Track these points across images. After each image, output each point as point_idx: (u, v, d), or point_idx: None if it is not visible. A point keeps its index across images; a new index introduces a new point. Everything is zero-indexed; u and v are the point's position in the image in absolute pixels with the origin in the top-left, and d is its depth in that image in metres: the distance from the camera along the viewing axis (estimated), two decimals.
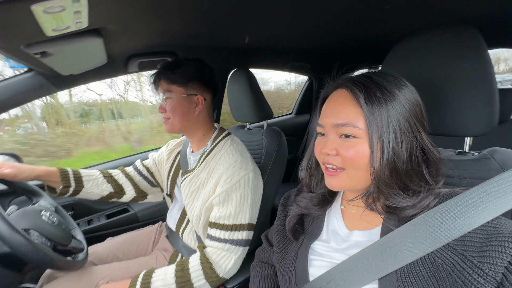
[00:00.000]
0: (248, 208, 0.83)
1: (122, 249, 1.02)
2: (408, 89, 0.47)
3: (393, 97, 0.45)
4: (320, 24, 0.97)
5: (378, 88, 0.46)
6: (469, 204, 0.38)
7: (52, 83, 0.92)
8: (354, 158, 0.46)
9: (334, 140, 0.49)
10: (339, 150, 0.47)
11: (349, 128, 0.46)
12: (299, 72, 1.80)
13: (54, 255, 0.67)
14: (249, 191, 0.83)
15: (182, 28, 0.85)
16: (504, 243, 0.35)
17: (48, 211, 0.82)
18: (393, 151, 0.44)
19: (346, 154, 0.47)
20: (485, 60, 0.52)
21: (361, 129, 0.46)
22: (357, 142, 0.46)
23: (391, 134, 0.44)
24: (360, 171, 0.47)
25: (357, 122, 0.46)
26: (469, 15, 0.89)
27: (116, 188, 1.01)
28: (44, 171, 0.87)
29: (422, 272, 0.41)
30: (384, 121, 0.44)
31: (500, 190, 0.36)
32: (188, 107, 0.86)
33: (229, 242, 0.81)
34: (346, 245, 0.53)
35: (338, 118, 0.48)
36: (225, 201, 0.82)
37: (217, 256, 0.80)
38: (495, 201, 0.36)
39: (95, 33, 0.64)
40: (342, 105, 0.48)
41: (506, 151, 0.53)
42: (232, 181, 0.81)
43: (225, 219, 0.82)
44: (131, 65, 1.03)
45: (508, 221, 0.38)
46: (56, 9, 0.42)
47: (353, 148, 0.46)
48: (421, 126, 0.46)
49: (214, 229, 0.83)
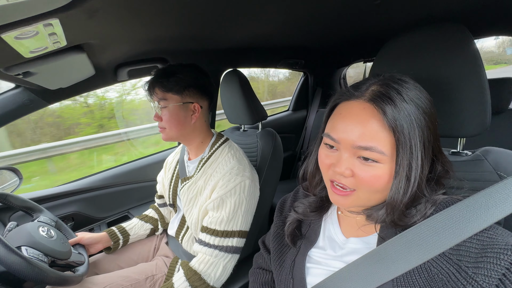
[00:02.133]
0: (241, 215, 0.83)
1: (123, 258, 1.03)
2: (428, 100, 0.42)
3: (420, 111, 0.40)
4: (312, 20, 0.95)
5: (408, 108, 0.40)
6: (461, 216, 0.37)
7: (42, 98, 0.92)
8: (373, 182, 0.42)
9: (349, 160, 0.43)
10: (355, 171, 0.43)
11: (374, 154, 0.40)
12: (294, 68, 1.78)
13: (50, 271, 0.67)
14: (244, 198, 0.83)
15: (169, 33, 0.83)
16: (499, 255, 0.34)
17: (47, 226, 0.82)
18: (418, 180, 0.40)
19: (363, 176, 0.42)
20: (474, 57, 0.51)
21: (387, 156, 0.40)
22: (378, 167, 0.41)
23: (419, 159, 0.40)
24: (373, 194, 0.44)
25: (383, 148, 0.40)
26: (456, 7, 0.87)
27: (155, 223, 1.13)
28: (100, 236, 1.00)
29: (418, 282, 0.40)
30: (413, 144, 0.39)
31: (491, 201, 0.36)
32: (184, 115, 0.85)
33: (218, 248, 0.80)
34: (343, 252, 0.52)
35: (361, 139, 0.41)
36: (219, 206, 0.82)
37: (204, 265, 0.80)
38: (486, 212, 0.36)
39: (77, 49, 0.63)
40: (365, 123, 0.41)
41: (499, 151, 0.52)
42: (227, 187, 0.81)
43: (217, 224, 0.81)
44: (120, 74, 1.01)
45: (504, 231, 0.38)
46: (29, 34, 0.41)
47: (372, 172, 0.42)
48: (437, 138, 0.43)
49: (204, 234, 0.83)
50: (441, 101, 0.54)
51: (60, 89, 0.90)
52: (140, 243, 1.09)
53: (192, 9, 0.65)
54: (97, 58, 0.79)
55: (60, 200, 1.19)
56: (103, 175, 1.32)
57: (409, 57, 0.59)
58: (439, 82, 0.54)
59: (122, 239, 1.03)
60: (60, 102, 1.00)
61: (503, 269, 0.33)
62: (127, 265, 1.01)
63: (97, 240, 0.98)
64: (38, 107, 0.94)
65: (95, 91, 1.29)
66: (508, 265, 0.33)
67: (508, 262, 0.34)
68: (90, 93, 3.25)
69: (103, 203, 1.30)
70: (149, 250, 1.08)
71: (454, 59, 0.53)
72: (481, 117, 0.52)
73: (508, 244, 0.35)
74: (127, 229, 1.06)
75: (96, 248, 0.98)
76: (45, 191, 1.17)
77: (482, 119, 0.52)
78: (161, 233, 1.14)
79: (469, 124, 0.53)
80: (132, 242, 1.09)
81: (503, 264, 0.34)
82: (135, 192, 1.39)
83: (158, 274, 0.93)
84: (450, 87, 0.53)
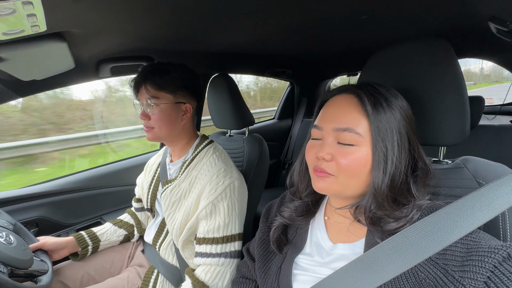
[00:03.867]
0: (237, 217, 0.80)
1: (95, 266, 0.95)
2: (404, 103, 0.48)
3: (395, 108, 0.46)
4: (300, 31, 0.97)
5: (384, 98, 0.46)
6: (448, 219, 0.38)
7: (12, 90, 0.84)
8: (351, 166, 0.45)
9: (331, 145, 0.47)
10: (336, 156, 0.46)
11: (350, 134, 0.45)
12: (280, 77, 1.81)
13: (9, 282, 0.60)
14: (236, 200, 0.80)
15: (156, 32, 0.81)
16: (484, 258, 0.35)
17: (5, 230, 0.74)
18: (395, 162, 0.44)
19: (342, 161, 0.46)
20: (456, 72, 0.54)
21: (362, 137, 0.45)
22: (356, 150, 0.45)
23: (395, 144, 0.44)
24: (352, 179, 0.46)
25: (359, 129, 0.45)
26: (440, 26, 0.94)
27: (130, 229, 1.05)
28: (66, 241, 0.91)
29: (406, 287, 0.40)
30: (389, 131, 0.44)
31: (476, 205, 0.37)
32: (175, 115, 0.82)
33: (223, 255, 0.76)
34: (330, 258, 0.52)
35: (340, 122, 0.47)
36: (212, 213, 0.78)
37: (211, 275, 0.75)
38: (472, 216, 0.36)
39: (57, 36, 0.58)
40: (346, 109, 0.47)
41: (477, 160, 0.55)
42: (217, 191, 0.78)
43: (215, 231, 0.77)
44: (102, 69, 0.96)
45: (486, 235, 0.39)
46: (4, 11, 0.37)
47: (351, 155, 0.45)
48: (416, 138, 0.47)
49: (204, 245, 0.78)
50: (424, 112, 0.57)
51: (34, 81, 0.84)
52: (113, 250, 1.01)
53: (182, 9, 0.64)
54: (79, 50, 0.75)
55: (23, 203, 1.08)
56: (75, 178, 1.23)
57: (394, 69, 0.62)
58: (422, 94, 0.57)
59: (92, 245, 0.95)
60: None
61: (488, 272, 0.34)
62: (97, 274, 0.93)
63: (62, 246, 0.89)
64: (7, 99, 0.87)
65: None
66: (492, 268, 0.34)
67: (492, 265, 0.34)
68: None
69: (73, 208, 1.19)
70: (123, 259, 1.00)
71: (437, 73, 0.55)
72: (461, 127, 0.55)
73: (491, 247, 0.36)
74: (97, 234, 0.98)
75: (61, 254, 0.89)
76: (6, 193, 1.06)
77: (462, 129, 0.55)
78: (137, 240, 1.07)
79: (450, 134, 0.56)
80: (105, 249, 1.00)
81: (487, 267, 0.34)
82: (109, 197, 1.30)
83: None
84: (433, 98, 0.56)
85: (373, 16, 0.82)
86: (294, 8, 0.72)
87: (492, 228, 0.47)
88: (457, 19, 0.86)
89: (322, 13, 0.77)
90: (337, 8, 0.74)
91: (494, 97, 2.51)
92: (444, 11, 0.79)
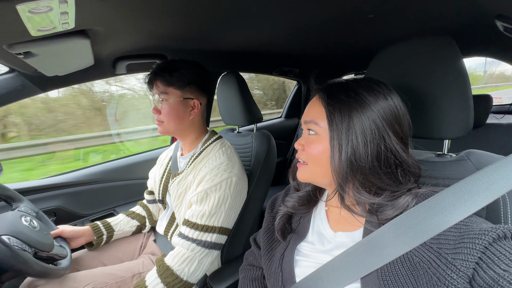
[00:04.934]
0: (224, 212, 0.82)
1: (108, 255, 0.99)
2: (382, 95, 0.48)
3: (361, 100, 0.47)
4: (308, 31, 1.00)
5: (344, 91, 0.48)
6: (446, 203, 0.40)
7: (35, 84, 0.90)
8: (313, 154, 0.51)
9: (304, 137, 0.54)
10: (305, 145, 0.53)
11: (312, 125, 0.51)
12: (288, 76, 1.83)
13: (34, 262, 0.64)
14: (230, 195, 0.83)
15: (171, 31, 0.85)
16: (475, 240, 0.36)
17: (29, 216, 0.79)
18: (352, 150, 0.46)
19: (308, 150, 0.52)
20: (460, 68, 0.56)
21: (322, 128, 0.50)
22: (317, 139, 0.51)
23: (352, 134, 0.46)
24: (318, 167, 0.51)
25: (319, 120, 0.50)
26: (447, 25, 0.95)
27: (142, 220, 1.10)
28: (83, 230, 0.96)
29: (401, 271, 0.42)
30: (345, 121, 0.47)
31: (474, 189, 0.38)
32: (183, 110, 0.86)
33: (195, 242, 0.79)
34: (331, 246, 0.54)
35: (307, 115, 0.53)
36: (202, 200, 0.81)
37: (178, 259, 0.78)
38: (469, 200, 0.38)
39: (82, 34, 0.63)
40: (312, 105, 0.54)
41: (481, 153, 0.56)
42: (213, 182, 0.81)
43: (198, 218, 0.80)
44: (119, 67, 1.01)
45: (478, 219, 0.41)
46: (43, 9, 0.41)
47: (314, 144, 0.51)
48: (391, 129, 0.47)
49: (185, 227, 0.82)
50: (428, 107, 0.59)
51: (56, 76, 0.89)
52: (126, 240, 1.06)
53: (196, 9, 0.68)
54: (99, 47, 0.79)
55: (42, 193, 1.14)
56: (90, 170, 1.28)
57: (399, 67, 0.64)
58: (427, 90, 0.59)
59: (106, 235, 1.00)
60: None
61: (479, 253, 0.35)
62: (111, 263, 0.97)
63: (79, 234, 0.94)
64: (31, 94, 0.92)
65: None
66: (483, 249, 0.36)
67: (483, 246, 0.36)
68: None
69: (88, 199, 1.25)
70: (135, 248, 1.05)
71: (442, 70, 0.57)
72: (465, 121, 0.56)
73: (482, 230, 0.37)
74: (112, 224, 1.02)
75: (78, 242, 0.94)
76: (26, 183, 1.12)
77: (466, 123, 0.56)
78: (148, 231, 1.11)
79: (454, 127, 0.57)
80: (117, 239, 1.05)
81: (478, 248, 0.36)
82: (122, 190, 1.36)
83: (145, 272, 0.90)
84: (437, 94, 0.58)
85: (380, 14, 0.83)
86: (302, 8, 0.74)
87: (493, 213, 0.48)
88: (463, 17, 0.87)
89: (330, 13, 0.80)
90: (344, 7, 0.76)
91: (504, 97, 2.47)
92: (451, 9, 0.81)
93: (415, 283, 0.40)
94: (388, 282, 0.42)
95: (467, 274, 0.36)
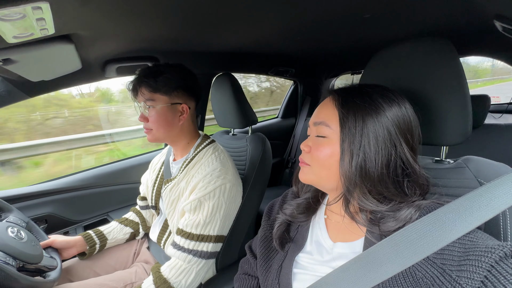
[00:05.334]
0: (219, 220, 0.80)
1: (100, 263, 0.97)
2: (396, 103, 0.47)
3: (375, 105, 0.46)
4: (303, 30, 0.97)
5: (360, 95, 0.47)
6: (447, 218, 0.38)
7: (21, 90, 0.86)
8: (320, 156, 0.49)
9: (311, 138, 0.52)
10: (312, 148, 0.51)
11: (323, 127, 0.49)
12: (284, 76, 1.81)
13: (18, 275, 0.62)
14: (224, 202, 0.81)
15: (162, 33, 0.82)
16: (480, 258, 0.35)
17: (17, 227, 0.76)
18: (364, 155, 0.45)
19: (314, 151, 0.50)
20: (458, 70, 0.54)
21: (333, 130, 0.48)
22: (327, 142, 0.49)
23: (364, 139, 0.45)
24: (325, 170, 0.49)
25: (330, 122, 0.49)
26: (444, 25, 0.93)
27: (135, 226, 1.07)
28: (74, 240, 0.94)
29: (403, 286, 0.41)
30: (359, 125, 0.46)
31: (475, 204, 0.37)
32: (172, 116, 0.83)
33: (192, 253, 0.77)
34: (330, 257, 0.52)
35: (317, 117, 0.51)
36: (196, 208, 0.79)
37: (176, 271, 0.76)
38: (470, 215, 0.37)
39: (65, 39, 0.60)
40: (324, 106, 0.52)
41: (479, 160, 0.55)
42: (207, 189, 0.79)
43: (193, 227, 0.78)
44: (108, 70, 0.98)
45: (484, 235, 0.39)
46: (15, 16, 0.38)
47: (322, 147, 0.49)
48: (403, 137, 0.46)
49: (179, 237, 0.80)
50: (426, 111, 0.57)
51: (42, 81, 0.86)
52: (119, 248, 1.04)
53: (186, 10, 0.65)
54: (86, 51, 0.76)
55: (33, 200, 1.11)
56: (82, 176, 1.26)
57: (396, 68, 0.62)
58: (424, 93, 0.57)
59: (99, 244, 0.97)
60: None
61: (485, 271, 0.34)
62: (104, 272, 0.95)
63: (71, 244, 0.91)
64: (16, 100, 0.89)
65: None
66: (489, 267, 0.34)
67: (489, 264, 0.34)
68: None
69: (80, 205, 1.22)
70: (128, 256, 1.03)
71: (439, 72, 0.55)
72: (463, 126, 0.55)
73: (488, 247, 0.36)
74: (104, 233, 1.00)
75: (70, 253, 0.92)
76: (16, 190, 1.09)
77: (464, 129, 0.55)
78: (141, 237, 1.09)
79: (452, 133, 0.56)
80: (110, 247, 1.03)
81: (484, 266, 0.34)
82: (115, 194, 1.33)
83: (138, 282, 0.88)
84: (435, 98, 0.56)
85: (376, 14, 0.81)
86: (297, 8, 0.72)
87: (493, 228, 0.47)
88: (461, 18, 0.86)
89: (325, 12, 0.77)
90: (340, 7, 0.74)
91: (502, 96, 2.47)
92: (448, 9, 0.79)
93: None
94: None
95: None
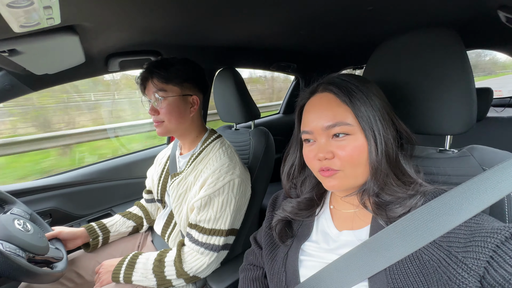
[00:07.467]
0: (230, 214, 0.82)
1: (105, 256, 0.98)
2: (373, 85, 0.51)
3: (367, 92, 0.48)
4: (305, 25, 0.97)
5: (355, 87, 0.48)
6: (453, 202, 0.39)
7: (25, 83, 0.87)
8: (353, 155, 0.47)
9: (327, 143, 0.49)
10: (335, 152, 0.48)
11: (341, 127, 0.47)
12: (286, 71, 1.80)
13: (28, 266, 0.63)
14: (233, 197, 0.82)
15: (164, 26, 0.82)
16: (486, 239, 0.36)
17: (22, 219, 0.77)
18: (384, 139, 0.46)
19: (343, 154, 0.47)
20: (463, 61, 0.54)
21: (352, 125, 0.47)
22: (351, 139, 0.47)
23: (379, 124, 0.47)
24: (357, 168, 0.48)
25: (347, 120, 0.47)
26: (448, 17, 0.92)
27: (138, 220, 1.08)
28: (79, 232, 0.95)
29: (410, 269, 0.41)
30: (370, 114, 0.47)
31: (481, 188, 0.37)
32: (184, 108, 0.84)
33: (204, 246, 0.80)
34: (336, 245, 0.53)
35: (328, 120, 0.48)
36: (206, 205, 0.80)
37: (191, 257, 0.81)
38: (477, 199, 0.37)
39: (70, 30, 0.60)
40: (328, 107, 0.49)
41: (484, 148, 0.55)
42: (216, 186, 0.80)
43: (205, 222, 0.81)
44: (111, 64, 0.98)
45: (489, 217, 0.40)
46: (23, 3, 0.38)
47: (348, 146, 0.47)
48: (389, 108, 0.50)
49: (193, 230, 0.82)
50: (430, 102, 0.57)
51: (46, 75, 0.86)
52: (123, 240, 1.05)
53: (190, 3, 0.65)
54: (89, 44, 0.76)
55: (37, 194, 1.12)
56: (86, 170, 1.26)
57: (400, 60, 0.61)
58: (428, 84, 0.57)
59: (102, 236, 0.98)
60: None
61: (490, 252, 0.35)
62: None
63: (76, 236, 0.92)
64: (20, 94, 0.89)
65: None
66: (494, 248, 0.35)
67: (495, 245, 0.35)
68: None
69: (84, 200, 1.23)
70: (133, 248, 1.04)
71: (445, 63, 0.55)
72: (467, 116, 0.55)
73: (494, 228, 0.36)
74: (107, 225, 1.01)
75: (75, 244, 0.93)
76: (21, 185, 1.10)
77: (469, 118, 0.55)
78: (145, 230, 1.10)
79: (457, 123, 0.56)
80: (115, 239, 1.04)
81: (490, 246, 0.35)
82: (119, 189, 1.34)
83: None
84: (439, 88, 0.56)
85: (379, 6, 0.81)
86: (299, 1, 0.72)
87: (497, 211, 0.47)
88: (465, 9, 0.85)
89: (328, 5, 0.77)
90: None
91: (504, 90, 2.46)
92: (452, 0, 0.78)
93: (425, 282, 0.39)
94: (397, 281, 0.41)
95: (478, 272, 0.35)
